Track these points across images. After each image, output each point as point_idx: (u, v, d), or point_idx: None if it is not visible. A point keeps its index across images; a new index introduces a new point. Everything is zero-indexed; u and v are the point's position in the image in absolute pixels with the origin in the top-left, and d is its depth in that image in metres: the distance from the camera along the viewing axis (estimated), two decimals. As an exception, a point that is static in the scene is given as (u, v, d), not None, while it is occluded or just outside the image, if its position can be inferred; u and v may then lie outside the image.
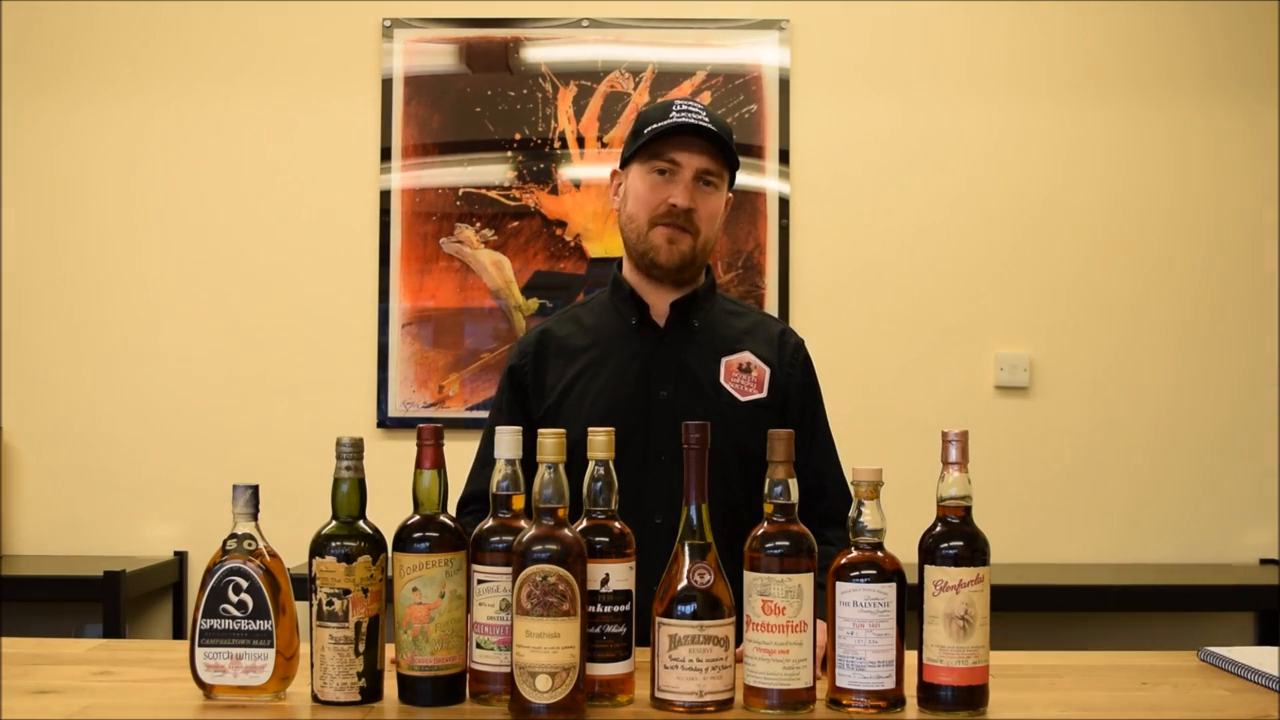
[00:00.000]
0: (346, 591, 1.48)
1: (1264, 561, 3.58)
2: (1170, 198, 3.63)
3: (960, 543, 1.49)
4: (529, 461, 1.51)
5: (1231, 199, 3.62)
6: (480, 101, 3.59)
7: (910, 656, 1.51)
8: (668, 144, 2.03)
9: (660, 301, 2.10)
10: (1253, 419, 3.60)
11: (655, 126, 2.02)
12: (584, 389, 2.06)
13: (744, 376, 2.07)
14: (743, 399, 2.06)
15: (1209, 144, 3.62)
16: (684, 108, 2.05)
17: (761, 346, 2.11)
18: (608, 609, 1.49)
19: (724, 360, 2.08)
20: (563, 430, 1.50)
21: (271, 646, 1.51)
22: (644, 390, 2.05)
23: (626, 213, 2.08)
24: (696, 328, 2.10)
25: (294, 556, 1.58)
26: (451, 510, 1.56)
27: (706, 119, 2.04)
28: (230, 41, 3.61)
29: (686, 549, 1.50)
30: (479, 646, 1.49)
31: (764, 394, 2.07)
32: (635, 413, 2.02)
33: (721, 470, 1.78)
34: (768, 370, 2.09)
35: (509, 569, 1.45)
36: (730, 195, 2.13)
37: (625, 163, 2.10)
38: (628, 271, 2.14)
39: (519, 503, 1.52)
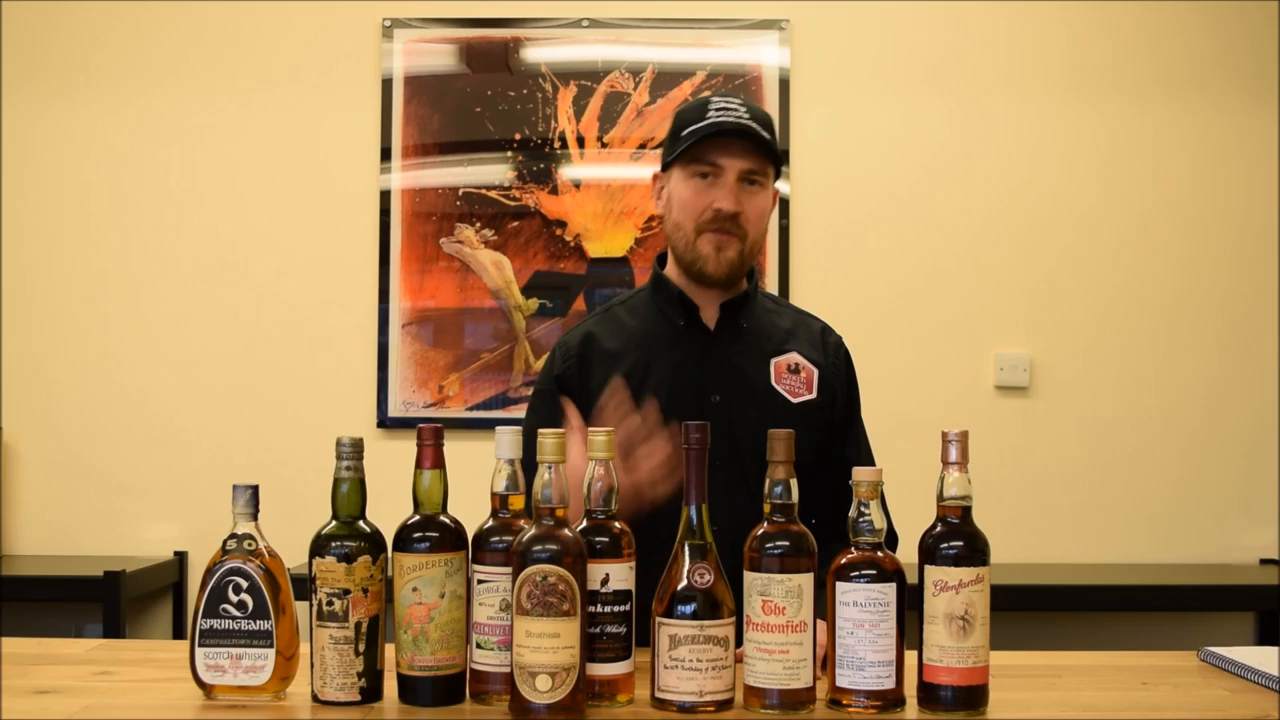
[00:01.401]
0: (346, 591, 1.48)
1: (1264, 561, 3.58)
2: (1170, 198, 3.62)
3: (960, 543, 1.49)
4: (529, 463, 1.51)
5: (1230, 200, 3.62)
6: (480, 101, 3.59)
7: (910, 656, 1.51)
8: (707, 146, 1.96)
9: (709, 303, 2.04)
10: (1252, 418, 3.60)
11: (693, 129, 1.96)
12: (632, 393, 1.97)
13: (793, 378, 2.04)
14: (794, 400, 2.02)
15: (1209, 144, 3.62)
16: (721, 105, 1.97)
17: (806, 346, 2.08)
18: (608, 609, 1.49)
19: (773, 361, 2.04)
20: (563, 430, 1.50)
21: (271, 646, 1.51)
22: (697, 394, 1.99)
23: (672, 220, 2.01)
24: (745, 329, 2.05)
25: (294, 556, 1.58)
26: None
27: (746, 116, 1.96)
28: (230, 41, 3.61)
29: (686, 549, 1.50)
30: (479, 646, 1.49)
31: (814, 395, 2.04)
32: (688, 417, 1.96)
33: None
34: (816, 371, 2.06)
35: (509, 569, 1.45)
36: (776, 190, 2.05)
37: (666, 165, 2.03)
38: (673, 272, 2.07)
39: (519, 503, 1.52)
